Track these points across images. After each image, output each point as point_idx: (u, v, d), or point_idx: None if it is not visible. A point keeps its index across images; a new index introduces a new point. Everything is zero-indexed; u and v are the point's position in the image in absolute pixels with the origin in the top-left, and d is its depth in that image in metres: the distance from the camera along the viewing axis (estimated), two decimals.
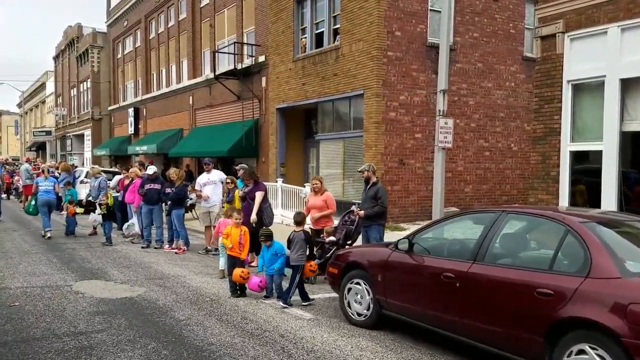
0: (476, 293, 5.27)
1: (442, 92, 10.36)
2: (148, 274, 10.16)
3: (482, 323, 5.19)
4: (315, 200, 10.42)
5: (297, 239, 8.50)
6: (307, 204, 10.54)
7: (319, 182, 10.55)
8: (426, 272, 5.89)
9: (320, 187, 10.53)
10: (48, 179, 15.44)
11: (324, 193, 10.57)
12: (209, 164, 13.42)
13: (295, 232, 8.67)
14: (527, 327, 4.78)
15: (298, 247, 8.38)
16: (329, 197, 10.58)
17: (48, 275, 9.73)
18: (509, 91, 19.54)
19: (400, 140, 17.33)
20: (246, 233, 8.88)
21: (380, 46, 16.77)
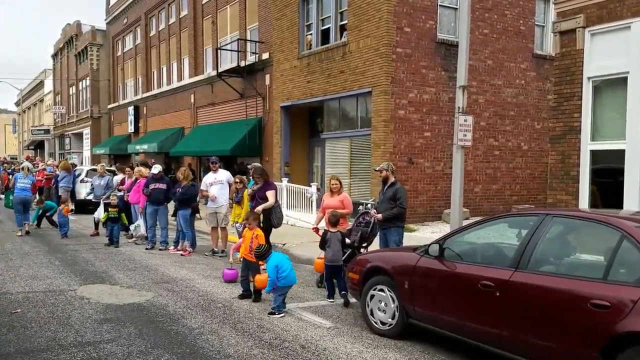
0: (519, 303, 4.87)
1: (462, 89, 9.95)
2: (155, 277, 9.76)
3: (525, 336, 4.79)
4: (332, 201, 10.02)
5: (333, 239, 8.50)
6: (323, 204, 10.12)
7: (338, 182, 10.16)
8: (460, 279, 5.49)
9: (339, 188, 10.14)
10: (28, 177, 15.78)
11: (341, 193, 10.20)
12: (215, 162, 13.01)
13: (331, 233, 8.62)
14: (578, 342, 4.39)
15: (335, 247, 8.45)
16: (345, 198, 10.20)
17: (51, 279, 9.32)
18: (519, 89, 19.15)
19: (409, 139, 16.94)
20: (260, 236, 8.44)
21: (389, 42, 16.37)
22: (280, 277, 7.40)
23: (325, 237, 8.65)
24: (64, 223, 14.96)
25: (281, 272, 7.42)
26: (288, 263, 7.67)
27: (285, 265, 7.54)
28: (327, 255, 8.50)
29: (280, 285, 7.44)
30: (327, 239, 8.60)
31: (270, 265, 7.52)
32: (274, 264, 7.50)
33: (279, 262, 7.52)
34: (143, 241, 14.02)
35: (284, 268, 7.48)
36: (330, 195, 10.11)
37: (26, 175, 15.78)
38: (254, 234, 8.43)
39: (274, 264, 7.50)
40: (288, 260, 7.77)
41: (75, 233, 15.81)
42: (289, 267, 7.59)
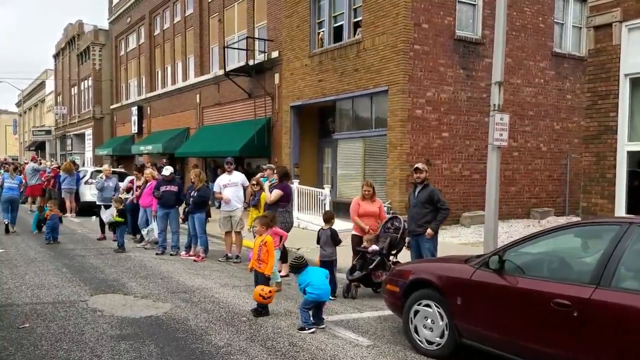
0: (603, 326, 4.26)
1: (498, 85, 9.33)
2: (169, 286, 9.15)
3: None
4: (371, 207, 9.42)
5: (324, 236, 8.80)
6: (359, 209, 9.47)
7: (372, 189, 9.55)
8: (527, 296, 4.86)
9: (373, 194, 9.56)
10: (15, 177, 16.67)
11: (376, 199, 9.63)
12: (231, 164, 12.39)
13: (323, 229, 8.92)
14: None
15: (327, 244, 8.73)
16: (381, 204, 9.64)
17: (59, 288, 8.71)
18: (538, 88, 18.55)
19: (426, 139, 16.34)
20: (268, 243, 7.67)
21: (406, 39, 15.78)
22: (310, 291, 6.81)
23: (319, 234, 8.95)
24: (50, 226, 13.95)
25: (309, 287, 6.85)
26: (323, 280, 7.05)
27: (318, 283, 6.93)
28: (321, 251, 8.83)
29: (309, 299, 6.82)
30: (319, 235, 8.92)
31: (300, 281, 6.99)
32: (303, 280, 6.93)
33: (312, 280, 6.90)
34: (153, 246, 13.43)
35: (316, 286, 6.87)
36: (363, 201, 9.49)
37: (13, 176, 16.59)
38: (263, 241, 7.68)
39: (304, 280, 6.93)
40: (324, 276, 7.15)
41: (80, 237, 15.23)
42: (323, 284, 7.00)
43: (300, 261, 7.19)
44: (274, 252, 7.76)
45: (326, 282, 7.10)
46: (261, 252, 7.48)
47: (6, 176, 16.67)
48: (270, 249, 7.53)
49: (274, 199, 10.35)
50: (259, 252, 7.50)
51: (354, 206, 9.62)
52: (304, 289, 6.88)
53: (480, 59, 17.18)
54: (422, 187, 8.62)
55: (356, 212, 9.56)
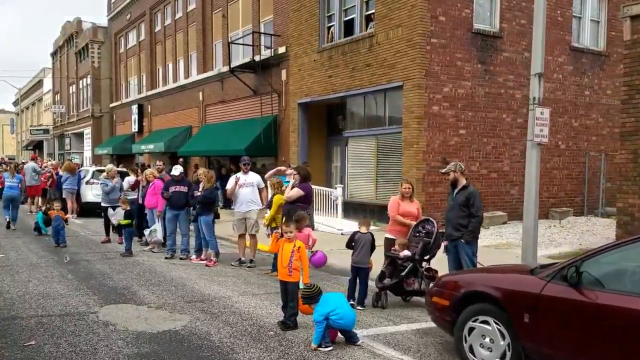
0: None
1: (538, 76, 8.68)
2: (184, 294, 8.49)
3: None
4: (410, 207, 8.82)
5: (363, 241, 8.08)
6: (399, 209, 8.84)
7: (411, 187, 8.94)
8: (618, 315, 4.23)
9: (412, 193, 8.93)
10: (15, 176, 17.09)
11: (415, 199, 9.01)
12: (248, 163, 11.73)
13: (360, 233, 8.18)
14: None
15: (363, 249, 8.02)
16: (419, 204, 9.02)
17: (65, 298, 8.04)
18: (556, 84, 17.91)
19: (443, 137, 15.70)
20: (301, 250, 6.93)
21: (423, 32, 15.13)
22: (337, 320, 6.06)
23: (354, 237, 8.17)
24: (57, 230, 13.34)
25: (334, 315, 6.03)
26: (347, 306, 6.27)
27: (343, 311, 6.11)
28: (354, 256, 8.11)
29: (334, 326, 6.11)
30: (355, 239, 8.15)
31: (320, 313, 6.05)
32: (324, 312, 6.03)
33: (333, 309, 6.04)
34: (160, 249, 12.78)
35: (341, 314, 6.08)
36: (403, 200, 8.86)
37: (13, 175, 17.02)
38: (295, 247, 6.92)
39: (325, 311, 6.03)
40: (345, 301, 6.36)
41: (84, 240, 14.57)
42: (348, 310, 6.22)
43: (314, 290, 6.35)
44: (307, 259, 7.10)
45: (351, 308, 6.35)
46: (293, 260, 6.78)
47: (6, 175, 17.24)
48: (304, 256, 6.87)
49: (292, 196, 9.72)
50: (291, 261, 6.81)
51: (393, 205, 8.96)
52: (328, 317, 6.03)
53: (499, 52, 16.54)
54: (461, 188, 7.96)
55: (397, 211, 8.90)
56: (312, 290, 6.38)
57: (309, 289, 6.41)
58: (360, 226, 8.19)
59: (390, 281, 7.99)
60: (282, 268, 6.93)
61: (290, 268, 6.80)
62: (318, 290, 6.38)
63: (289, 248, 6.93)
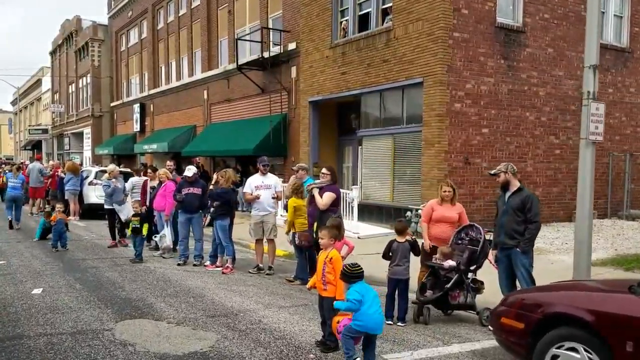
0: None
1: (592, 68, 7.97)
2: (205, 306, 7.75)
3: None
4: (449, 212, 8.10)
5: (401, 250, 7.31)
6: (431, 214, 8.14)
7: (453, 190, 8.21)
8: None
9: (453, 196, 8.21)
10: (18, 177, 17.30)
11: (457, 203, 8.27)
12: (267, 164, 10.99)
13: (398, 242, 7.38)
14: None
15: (402, 260, 7.28)
16: (463, 209, 8.28)
17: (76, 312, 7.29)
18: (580, 81, 16.98)
19: (465, 135, 14.97)
20: (335, 260, 6.14)
21: (445, 26, 14.40)
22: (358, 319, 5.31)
23: (391, 247, 7.41)
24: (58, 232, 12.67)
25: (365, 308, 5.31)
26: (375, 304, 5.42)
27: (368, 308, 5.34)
28: (392, 267, 7.36)
29: (354, 328, 5.34)
30: (393, 249, 7.39)
31: (353, 292, 5.37)
32: (358, 292, 5.34)
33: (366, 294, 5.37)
34: (171, 254, 12.05)
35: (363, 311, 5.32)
36: (441, 204, 8.14)
37: (16, 176, 17.27)
38: (328, 257, 6.17)
39: (359, 293, 5.34)
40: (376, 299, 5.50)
41: (89, 244, 13.83)
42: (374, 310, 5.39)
43: (357, 269, 5.53)
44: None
45: (379, 308, 5.49)
46: (325, 273, 6.04)
47: (10, 175, 17.61)
48: (338, 268, 6.10)
49: (327, 202, 9.00)
50: (324, 271, 6.07)
51: (426, 210, 8.26)
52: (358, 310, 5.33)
53: (522, 48, 15.83)
54: (514, 192, 7.22)
55: (428, 218, 8.18)
56: (355, 269, 5.50)
57: (351, 267, 5.53)
58: (397, 234, 7.42)
59: (433, 294, 7.25)
60: (316, 280, 6.20)
61: (324, 282, 6.07)
62: (361, 270, 5.54)
63: (322, 259, 6.21)
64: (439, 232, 8.16)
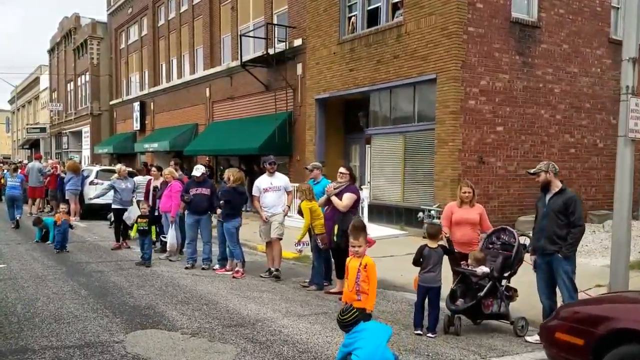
0: None
1: (632, 61, 7.49)
2: (219, 315, 7.27)
3: None
4: (469, 214, 7.67)
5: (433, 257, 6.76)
6: (453, 217, 7.70)
7: (472, 190, 7.76)
8: None
9: (472, 197, 7.76)
10: (17, 176, 17.46)
11: (476, 204, 7.82)
12: (274, 163, 10.51)
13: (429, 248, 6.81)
14: None
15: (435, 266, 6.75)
16: (483, 210, 7.81)
17: (82, 322, 6.81)
18: (595, 78, 16.74)
19: (479, 134, 14.51)
20: (369, 267, 5.73)
21: (460, 20, 13.94)
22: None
23: (423, 253, 6.82)
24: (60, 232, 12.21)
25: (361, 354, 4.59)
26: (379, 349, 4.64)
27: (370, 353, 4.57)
28: (421, 274, 6.79)
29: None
30: (424, 255, 6.81)
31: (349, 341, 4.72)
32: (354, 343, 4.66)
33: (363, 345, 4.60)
34: (178, 257, 11.58)
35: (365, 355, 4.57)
36: (460, 205, 7.69)
37: (13, 175, 17.40)
38: (362, 264, 5.73)
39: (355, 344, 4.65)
40: (383, 342, 4.71)
41: (92, 246, 13.34)
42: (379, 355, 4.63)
43: (351, 315, 4.78)
44: (376, 279, 5.85)
45: (387, 352, 4.71)
46: (360, 280, 5.58)
47: (8, 176, 17.83)
48: (372, 276, 5.64)
49: (348, 204, 8.53)
50: (357, 280, 5.60)
51: (446, 213, 7.84)
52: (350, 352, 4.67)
53: (537, 44, 15.37)
54: (556, 193, 6.74)
55: (448, 222, 7.74)
56: (349, 315, 4.78)
57: (346, 314, 4.80)
58: (429, 239, 6.92)
59: (464, 303, 6.78)
60: (347, 291, 5.73)
61: (357, 292, 5.59)
62: (356, 315, 4.80)
63: (355, 266, 5.74)
64: (460, 236, 7.74)
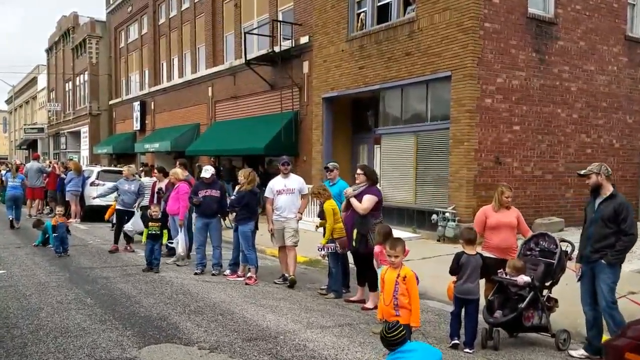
0: None
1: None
2: (237, 327, 6.77)
3: None
4: (506, 217, 7.18)
5: (471, 265, 6.18)
6: (488, 221, 7.21)
7: (511, 193, 7.27)
8: None
9: (509, 200, 7.28)
10: (17, 177, 17.30)
11: (512, 207, 7.34)
12: (287, 164, 9.99)
13: (467, 255, 6.28)
14: None
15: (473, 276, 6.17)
16: (519, 213, 7.33)
17: (91, 335, 6.30)
18: (611, 76, 16.27)
19: (496, 133, 14.03)
20: (409, 280, 5.29)
21: (476, 15, 13.46)
22: None
23: (460, 261, 6.28)
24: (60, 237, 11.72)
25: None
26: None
27: None
28: (458, 284, 6.25)
29: None
30: (462, 262, 6.26)
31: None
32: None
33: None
34: (185, 262, 11.08)
35: None
36: (496, 210, 7.20)
37: (14, 176, 17.25)
38: (401, 276, 5.27)
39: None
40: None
41: (95, 249, 12.82)
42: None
43: (399, 333, 4.29)
44: (417, 292, 5.35)
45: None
46: (398, 295, 5.06)
47: (8, 175, 17.76)
48: (412, 289, 5.15)
49: (368, 207, 8.03)
50: (396, 293, 5.09)
51: (479, 218, 7.34)
52: None
53: (553, 41, 14.89)
54: (607, 197, 6.23)
55: (482, 227, 7.24)
56: (396, 334, 4.26)
57: (392, 332, 4.27)
58: (465, 245, 6.41)
59: (502, 314, 6.28)
60: (384, 305, 5.22)
61: (395, 306, 5.09)
62: (402, 334, 4.31)
63: (392, 278, 5.24)
64: (499, 241, 7.23)
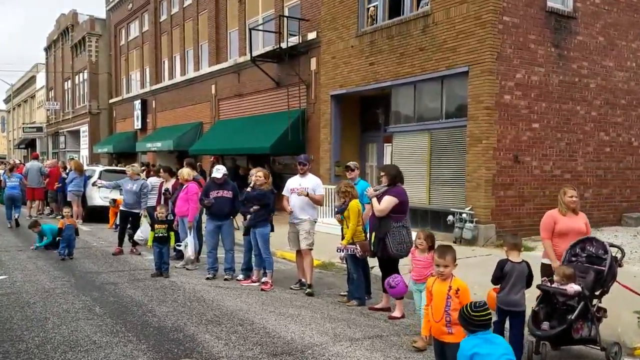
0: None
1: None
2: (259, 339, 6.25)
3: None
4: (575, 222, 6.67)
5: (516, 273, 5.66)
6: (557, 227, 6.66)
7: (575, 192, 6.76)
8: None
9: (574, 200, 6.77)
10: (14, 176, 17.24)
11: (579, 211, 6.83)
12: (305, 164, 9.47)
13: (512, 263, 5.72)
14: None
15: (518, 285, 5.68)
16: (586, 217, 6.83)
17: (103, 349, 5.79)
18: (630, 73, 15.80)
19: (515, 131, 13.56)
20: (462, 293, 4.70)
21: (495, 9, 12.98)
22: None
23: (504, 269, 5.73)
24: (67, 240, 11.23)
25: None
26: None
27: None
28: (502, 294, 5.74)
29: None
30: (506, 271, 5.72)
31: (468, 348, 3.81)
32: (469, 353, 3.78)
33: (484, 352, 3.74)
34: (195, 265, 10.57)
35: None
36: (564, 214, 6.68)
37: (10, 175, 17.16)
38: (453, 289, 4.69)
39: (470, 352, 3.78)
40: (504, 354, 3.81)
41: (99, 252, 12.29)
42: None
43: (486, 314, 3.87)
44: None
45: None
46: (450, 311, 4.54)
47: (6, 176, 17.63)
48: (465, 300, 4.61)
49: (385, 208, 7.51)
50: (447, 309, 4.57)
51: (547, 222, 6.73)
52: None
53: (572, 36, 14.42)
54: None
55: (550, 232, 6.68)
56: (482, 314, 3.85)
57: (478, 310, 3.87)
58: (509, 251, 5.85)
59: (550, 327, 5.77)
60: (433, 322, 4.70)
61: (448, 322, 4.57)
62: (489, 317, 3.91)
63: (442, 291, 4.70)
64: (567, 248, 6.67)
